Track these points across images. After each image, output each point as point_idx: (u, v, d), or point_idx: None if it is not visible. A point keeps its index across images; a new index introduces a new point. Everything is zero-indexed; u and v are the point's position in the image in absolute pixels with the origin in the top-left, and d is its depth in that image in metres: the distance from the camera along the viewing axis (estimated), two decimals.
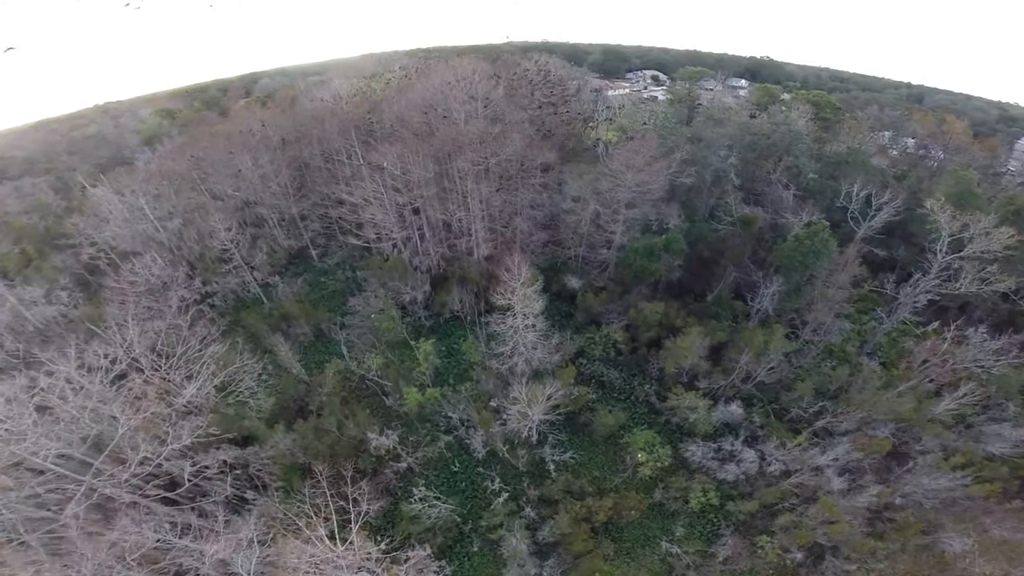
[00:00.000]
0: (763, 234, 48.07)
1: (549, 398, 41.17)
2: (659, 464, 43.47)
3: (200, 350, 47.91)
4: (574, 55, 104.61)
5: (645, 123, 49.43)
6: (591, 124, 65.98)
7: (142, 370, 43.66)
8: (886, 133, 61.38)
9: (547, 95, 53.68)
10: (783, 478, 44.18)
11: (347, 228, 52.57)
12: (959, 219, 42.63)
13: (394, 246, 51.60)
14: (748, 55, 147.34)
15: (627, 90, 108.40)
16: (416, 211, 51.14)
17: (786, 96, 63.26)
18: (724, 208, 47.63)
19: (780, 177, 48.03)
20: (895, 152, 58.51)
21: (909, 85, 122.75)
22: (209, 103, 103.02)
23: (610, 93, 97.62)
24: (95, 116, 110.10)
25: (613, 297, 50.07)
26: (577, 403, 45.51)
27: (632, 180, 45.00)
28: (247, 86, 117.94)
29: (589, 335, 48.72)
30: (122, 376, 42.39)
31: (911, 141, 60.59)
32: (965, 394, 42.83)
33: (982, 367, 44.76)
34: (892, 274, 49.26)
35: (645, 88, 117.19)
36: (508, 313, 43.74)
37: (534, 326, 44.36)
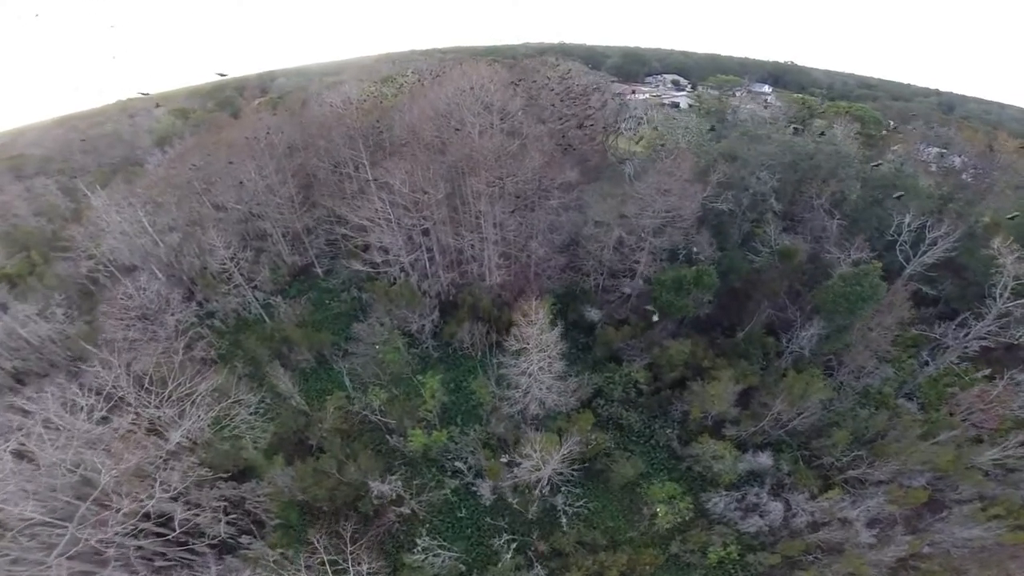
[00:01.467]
0: (801, 266, 41.10)
1: (563, 458, 35.42)
2: (679, 519, 37.82)
3: (195, 380, 42.52)
4: (591, 58, 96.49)
5: (678, 140, 42.57)
6: (615, 134, 58.91)
7: (131, 405, 38.60)
8: (933, 150, 53.59)
9: (570, 108, 46.74)
10: (809, 530, 38.28)
11: (352, 249, 46.43)
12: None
13: (401, 270, 45.51)
14: (771, 60, 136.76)
15: (647, 95, 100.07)
16: (425, 232, 44.88)
17: (816, 104, 55.19)
18: (761, 237, 40.71)
19: (823, 203, 40.94)
20: (936, 169, 50.81)
21: (939, 92, 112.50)
22: (223, 103, 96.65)
23: (630, 98, 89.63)
24: (114, 113, 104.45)
25: (635, 331, 43.71)
26: (594, 451, 39.69)
27: (662, 205, 38.26)
28: (264, 85, 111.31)
29: (608, 374, 42.53)
30: (110, 411, 37.49)
31: (958, 159, 52.76)
32: (1016, 440, 36.38)
33: None
34: (938, 310, 42.10)
35: (666, 94, 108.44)
36: (522, 356, 37.70)
37: (550, 369, 38.33)
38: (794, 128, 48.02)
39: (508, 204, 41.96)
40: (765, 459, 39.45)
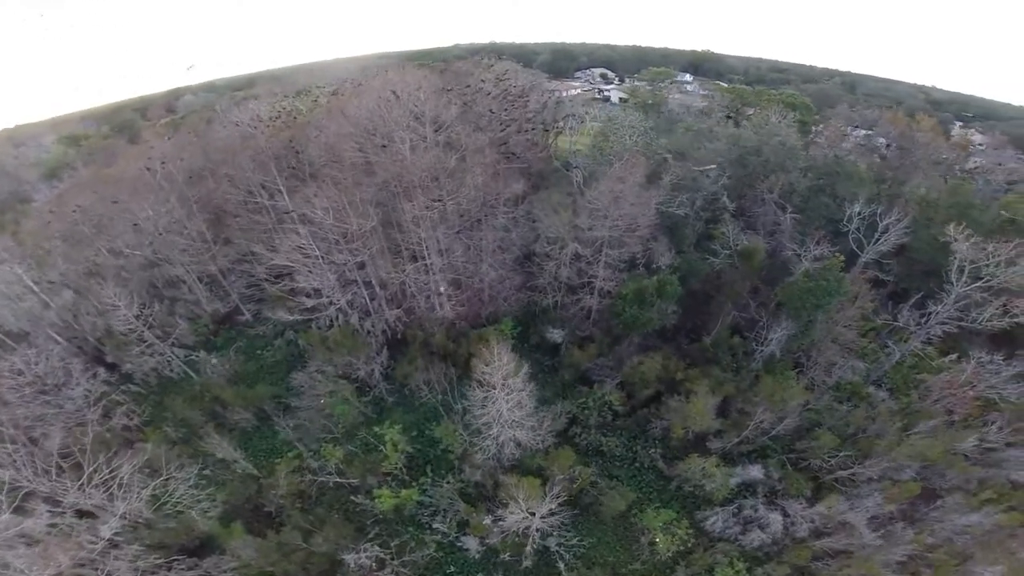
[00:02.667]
0: (761, 264, 37.27)
1: (550, 510, 29.76)
2: (680, 545, 33.56)
3: (119, 456, 33.55)
4: (522, 56, 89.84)
5: (624, 140, 37.22)
6: (556, 134, 52.97)
7: (46, 494, 29.87)
8: (860, 132, 51.94)
9: (510, 112, 40.06)
10: (812, 537, 35.43)
11: (276, 294, 37.70)
12: (978, 247, 33.28)
13: (339, 311, 37.47)
14: (689, 49, 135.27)
15: (579, 90, 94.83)
16: (361, 265, 37.02)
17: (748, 92, 51.84)
18: (720, 239, 36.32)
19: (773, 196, 37.30)
20: (863, 150, 49.27)
21: (841, 73, 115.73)
22: (120, 127, 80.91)
23: (564, 94, 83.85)
24: None
25: (602, 348, 38.49)
26: (579, 487, 34.36)
27: (616, 214, 32.81)
28: (169, 103, 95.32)
29: (581, 400, 37.14)
30: (24, 501, 28.77)
31: (881, 140, 51.46)
32: (995, 424, 34.91)
33: (999, 393, 36.72)
34: (888, 291, 39.86)
35: (596, 88, 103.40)
36: (488, 400, 31.37)
37: (520, 408, 32.30)
38: (729, 118, 44.40)
39: (452, 225, 34.98)
40: (756, 471, 35.86)
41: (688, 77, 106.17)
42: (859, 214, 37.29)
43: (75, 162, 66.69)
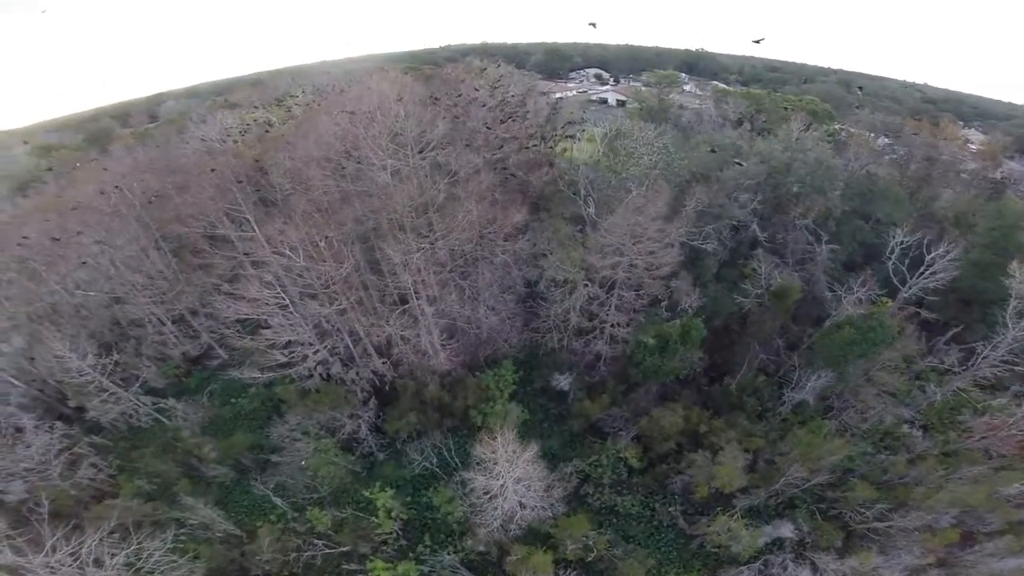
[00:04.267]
0: (795, 304, 30.24)
1: None
2: None
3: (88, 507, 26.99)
4: (515, 56, 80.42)
5: (640, 158, 29.40)
6: (554, 143, 45.02)
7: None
8: (883, 140, 44.46)
9: (508, 127, 32.03)
10: None
11: (246, 346, 30.06)
12: None
13: (319, 362, 30.06)
14: (683, 48, 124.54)
15: (574, 92, 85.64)
16: (343, 311, 29.49)
17: (764, 97, 43.74)
18: (751, 277, 29.13)
19: (807, 223, 30.19)
20: (888, 162, 41.97)
21: (836, 71, 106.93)
22: (94, 137, 70.51)
23: (557, 96, 74.90)
24: None
25: (614, 396, 31.67)
26: (595, 557, 28.04)
27: (635, 251, 25.51)
28: (152, 109, 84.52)
29: (593, 459, 30.43)
30: None
31: (901, 151, 44.09)
32: None
33: None
34: (931, 331, 33.21)
35: (592, 89, 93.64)
36: (491, 476, 24.58)
37: (528, 483, 25.58)
38: (752, 130, 36.73)
39: (444, 265, 27.40)
40: (786, 530, 29.77)
41: (684, 77, 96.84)
42: (901, 243, 30.19)
43: (44, 176, 57.34)
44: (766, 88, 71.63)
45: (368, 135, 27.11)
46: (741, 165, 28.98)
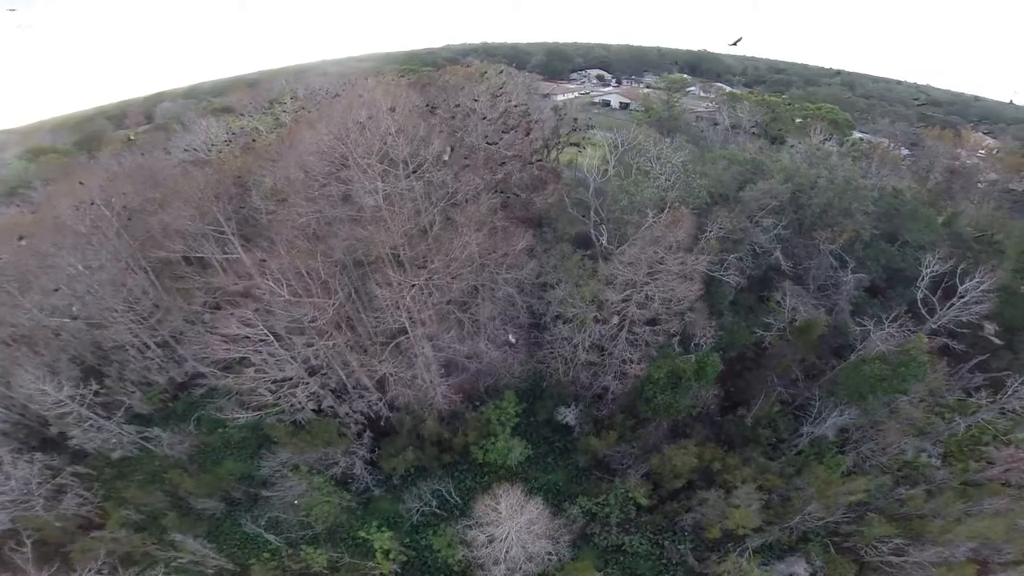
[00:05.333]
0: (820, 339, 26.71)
1: None
2: None
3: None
4: (515, 57, 75.23)
5: (656, 177, 25.27)
6: (558, 148, 40.97)
7: None
8: (903, 151, 40.33)
9: (511, 141, 27.89)
10: None
11: (228, 385, 26.42)
12: None
13: (309, 396, 26.59)
14: (685, 48, 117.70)
15: (575, 94, 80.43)
16: (338, 326, 25.85)
17: (782, 104, 39.44)
18: (776, 311, 25.45)
19: (834, 248, 26.46)
20: (908, 173, 37.96)
21: (839, 72, 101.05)
22: (86, 139, 65.30)
23: (559, 98, 70.09)
24: None
25: (623, 432, 28.39)
26: None
27: (653, 289, 21.90)
28: (148, 110, 79.23)
29: (601, 499, 27.30)
30: None
31: (923, 162, 40.11)
32: None
33: None
34: (952, 358, 29.75)
35: (594, 90, 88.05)
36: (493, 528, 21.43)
37: (532, 535, 22.45)
38: (774, 142, 32.79)
39: (442, 296, 23.74)
40: (799, 567, 26.90)
41: (687, 78, 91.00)
42: (930, 270, 26.53)
43: (34, 181, 53.01)
44: (770, 89, 66.97)
45: (356, 153, 23.16)
46: (759, 181, 25.02)
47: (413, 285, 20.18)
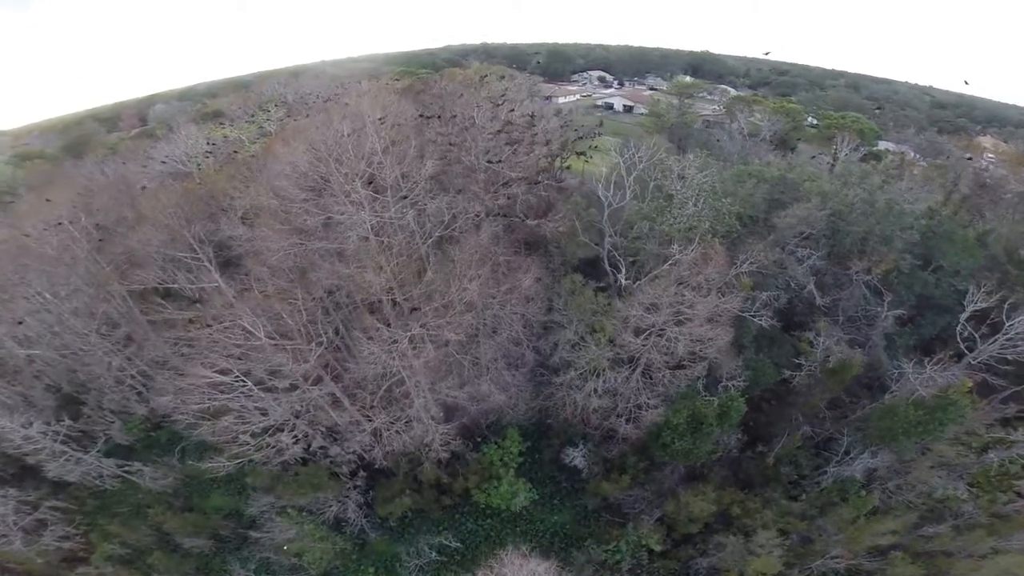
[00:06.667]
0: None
1: None
2: None
3: None
4: (516, 57, 69.82)
5: (684, 201, 20.89)
6: (562, 158, 36.71)
7: None
8: (923, 162, 36.54)
9: (516, 157, 23.68)
10: None
11: (203, 435, 22.72)
12: None
13: (296, 440, 22.99)
14: (687, 49, 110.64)
15: (577, 96, 75.19)
16: (318, 380, 22.17)
17: (802, 113, 35.17)
18: (809, 354, 21.62)
19: (870, 279, 22.57)
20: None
21: (843, 74, 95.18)
22: (75, 143, 60.16)
23: (561, 100, 65.15)
24: None
25: (636, 474, 24.99)
26: None
27: (677, 332, 18.17)
28: (142, 111, 73.72)
29: (612, 546, 24.05)
30: None
31: (950, 175, 35.96)
32: None
33: None
34: (999, 395, 26.29)
35: (596, 92, 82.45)
36: None
37: None
38: (827, 161, 28.53)
39: (436, 348, 19.90)
40: None
41: (689, 80, 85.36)
42: (974, 302, 22.80)
43: (19, 188, 48.42)
44: (775, 92, 62.09)
45: (340, 173, 19.01)
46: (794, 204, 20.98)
47: (403, 337, 16.44)
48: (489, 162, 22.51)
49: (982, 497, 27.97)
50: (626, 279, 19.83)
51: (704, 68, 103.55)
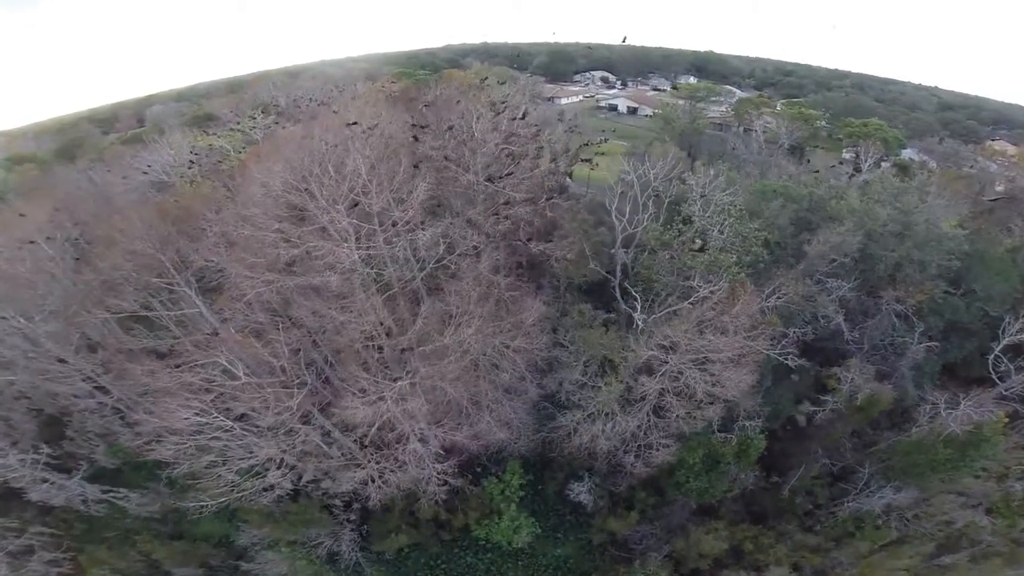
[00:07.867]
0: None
1: None
2: None
3: None
4: (516, 58, 65.65)
5: (711, 232, 17.57)
6: (568, 166, 33.75)
7: None
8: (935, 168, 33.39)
9: (517, 174, 20.80)
10: None
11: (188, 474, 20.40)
12: None
13: (284, 475, 20.70)
14: (691, 49, 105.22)
15: (579, 97, 71.43)
16: (306, 419, 19.78)
17: (818, 118, 31.85)
18: (837, 392, 19.06)
19: (902, 308, 19.87)
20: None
21: (848, 74, 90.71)
22: (68, 146, 56.66)
23: (563, 102, 61.65)
24: None
25: (645, 509, 22.79)
26: None
27: (698, 377, 15.69)
28: (139, 112, 70.03)
29: None
30: None
31: (976, 187, 32.79)
32: None
33: None
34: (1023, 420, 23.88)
35: (600, 93, 78.19)
36: None
37: None
38: (854, 175, 25.36)
39: (431, 397, 17.41)
40: None
41: (693, 81, 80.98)
42: (1013, 337, 20.20)
43: (9, 193, 45.43)
44: (781, 93, 58.51)
45: (321, 196, 16.24)
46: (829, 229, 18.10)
47: (392, 389, 13.96)
48: (489, 181, 19.68)
49: (1000, 523, 25.94)
50: (640, 312, 17.28)
51: (708, 68, 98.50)
